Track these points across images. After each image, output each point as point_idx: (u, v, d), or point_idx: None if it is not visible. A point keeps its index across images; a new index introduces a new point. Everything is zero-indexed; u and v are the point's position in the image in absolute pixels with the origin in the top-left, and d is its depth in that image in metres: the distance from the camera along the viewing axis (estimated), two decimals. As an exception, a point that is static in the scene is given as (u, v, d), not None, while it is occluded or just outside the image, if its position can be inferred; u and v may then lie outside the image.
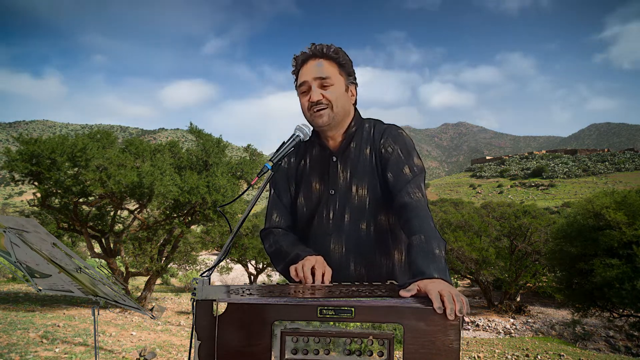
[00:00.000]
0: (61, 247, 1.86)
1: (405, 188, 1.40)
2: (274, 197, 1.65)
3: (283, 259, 1.49)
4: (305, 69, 1.50)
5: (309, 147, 1.64)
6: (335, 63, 1.51)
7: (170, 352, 5.90)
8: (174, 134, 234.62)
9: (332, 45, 1.52)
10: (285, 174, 1.65)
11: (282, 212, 1.63)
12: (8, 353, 4.62)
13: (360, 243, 1.51)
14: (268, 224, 1.63)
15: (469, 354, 7.59)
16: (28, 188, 10.89)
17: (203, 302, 1.03)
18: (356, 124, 1.58)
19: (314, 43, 1.53)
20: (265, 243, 1.61)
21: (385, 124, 1.59)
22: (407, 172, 1.44)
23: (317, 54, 1.50)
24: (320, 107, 1.48)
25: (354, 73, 1.57)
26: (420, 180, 1.44)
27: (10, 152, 9.66)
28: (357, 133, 1.57)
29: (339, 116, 1.51)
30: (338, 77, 1.50)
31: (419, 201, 1.37)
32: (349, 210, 1.52)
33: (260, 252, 17.96)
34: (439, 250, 1.20)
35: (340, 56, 1.51)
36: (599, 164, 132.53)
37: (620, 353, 10.62)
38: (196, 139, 12.21)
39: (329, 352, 1.00)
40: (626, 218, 10.77)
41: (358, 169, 1.53)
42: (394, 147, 1.51)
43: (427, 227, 1.27)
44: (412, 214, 1.32)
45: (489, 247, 15.81)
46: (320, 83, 1.48)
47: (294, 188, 1.64)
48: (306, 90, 1.50)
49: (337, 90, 1.49)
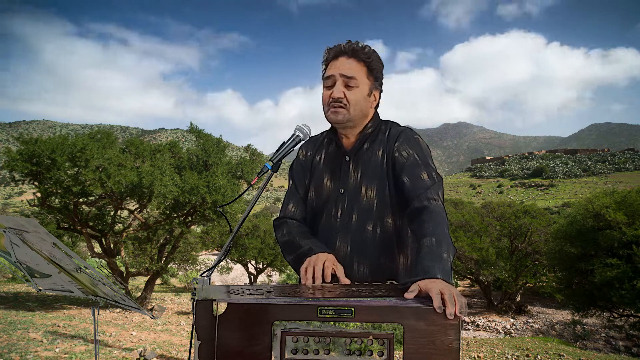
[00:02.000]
0: (61, 247, 1.86)
1: (425, 193, 1.38)
2: (292, 187, 1.67)
3: (294, 250, 1.50)
4: (335, 64, 1.50)
5: (327, 143, 1.65)
6: (366, 66, 1.50)
7: (170, 352, 5.90)
8: (174, 134, 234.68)
9: (367, 46, 1.51)
10: (302, 166, 1.67)
11: (298, 203, 1.64)
12: (8, 353, 4.62)
13: (366, 244, 1.51)
14: (283, 213, 1.64)
15: (469, 354, 7.59)
16: (28, 188, 10.90)
17: (203, 302, 1.03)
18: (373, 125, 1.57)
19: (350, 40, 1.52)
20: (277, 232, 1.62)
21: (401, 127, 1.58)
22: (426, 177, 1.43)
23: (350, 52, 1.49)
24: (339, 105, 1.48)
25: (382, 78, 1.56)
26: (439, 188, 1.43)
27: (10, 152, 9.67)
28: (373, 134, 1.57)
29: (355, 118, 1.51)
30: (364, 80, 1.50)
31: (438, 207, 1.36)
32: (357, 211, 1.52)
33: (260, 252, 17.95)
34: (447, 254, 1.19)
35: (373, 60, 1.50)
36: (599, 164, 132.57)
37: (620, 353, 10.62)
38: (196, 139, 12.22)
39: (329, 352, 1.00)
40: (626, 218, 10.78)
41: (369, 170, 1.53)
42: (410, 152, 1.49)
43: (440, 232, 1.26)
44: (427, 217, 1.32)
45: (489, 247, 15.81)
46: (345, 81, 1.47)
47: (308, 181, 1.66)
48: (331, 84, 1.50)
49: (360, 93, 1.49)
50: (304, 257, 1.42)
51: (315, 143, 1.68)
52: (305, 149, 1.68)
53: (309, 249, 1.44)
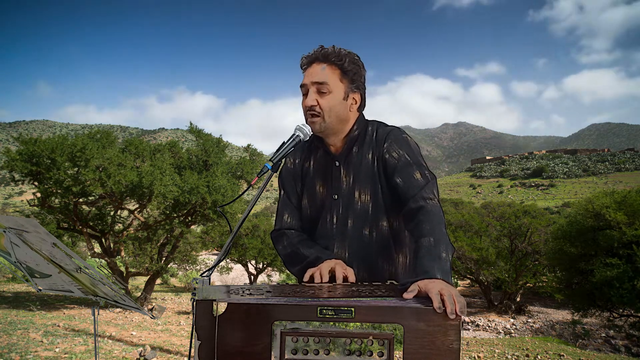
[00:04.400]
0: (61, 247, 1.86)
1: (420, 193, 1.37)
2: (284, 197, 1.64)
3: (300, 261, 1.48)
4: (308, 71, 1.48)
5: (314, 149, 1.62)
6: (339, 69, 1.46)
7: (170, 352, 5.90)
8: (174, 134, 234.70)
9: (340, 49, 1.48)
10: (292, 174, 1.63)
11: (293, 212, 1.61)
12: (8, 353, 4.62)
13: (363, 248, 1.50)
14: (279, 225, 1.61)
15: (469, 354, 7.59)
16: (28, 188, 10.90)
17: (203, 302, 1.03)
18: (359, 127, 1.54)
19: (322, 45, 1.49)
20: (277, 245, 1.59)
21: (389, 127, 1.55)
22: (419, 177, 1.41)
23: (322, 57, 1.47)
24: (313, 114, 1.46)
25: (361, 79, 1.51)
26: (433, 186, 1.41)
27: (10, 152, 9.68)
28: (360, 137, 1.54)
29: (332, 125, 1.48)
30: (337, 84, 1.46)
31: (435, 206, 1.34)
32: (352, 216, 1.51)
33: (260, 252, 17.96)
34: (445, 254, 1.18)
35: (345, 62, 1.46)
36: (599, 164, 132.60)
37: (620, 353, 10.62)
38: (196, 139, 12.22)
39: (329, 352, 1.00)
40: (626, 218, 10.78)
41: (361, 175, 1.51)
42: (400, 152, 1.47)
43: (437, 231, 1.25)
44: (424, 218, 1.30)
45: (489, 247, 15.81)
46: (318, 88, 1.45)
47: (300, 189, 1.63)
48: (305, 93, 1.48)
49: (334, 98, 1.45)
50: (311, 267, 1.41)
51: (302, 149, 1.64)
52: (292, 156, 1.64)
53: (316, 257, 1.43)
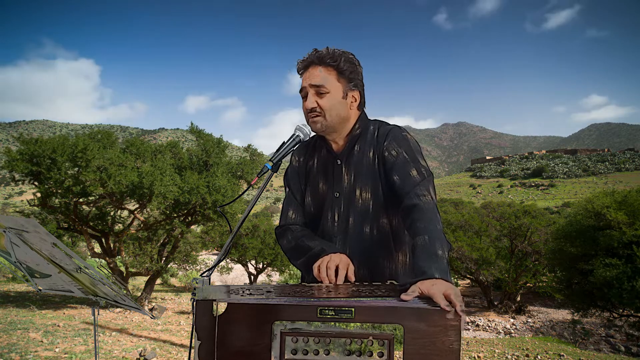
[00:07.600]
0: (61, 247, 1.86)
1: (414, 190, 1.38)
2: (289, 195, 1.68)
3: (304, 252, 1.50)
4: (306, 75, 1.52)
5: (318, 148, 1.66)
6: (335, 70, 1.50)
7: (170, 352, 5.90)
8: (174, 134, 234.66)
9: (335, 50, 1.51)
10: (297, 172, 1.68)
11: (298, 209, 1.65)
12: (8, 353, 4.62)
13: (364, 246, 1.52)
14: (284, 221, 1.64)
15: (469, 354, 7.59)
16: (28, 188, 10.90)
17: (203, 302, 1.03)
18: (361, 126, 1.57)
19: (316, 49, 1.52)
20: (282, 240, 1.62)
21: (390, 126, 1.57)
22: (415, 174, 1.43)
23: (317, 60, 1.50)
24: (314, 115, 1.50)
25: (358, 76, 1.55)
26: (429, 183, 1.42)
27: (10, 152, 9.66)
28: (362, 136, 1.57)
29: (333, 123, 1.52)
30: (335, 84, 1.50)
31: (428, 203, 1.35)
32: (353, 214, 1.53)
33: (260, 252, 17.95)
34: (442, 251, 1.18)
35: (340, 62, 1.50)
36: (599, 164, 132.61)
37: (620, 353, 10.62)
38: (196, 139, 12.21)
39: (329, 352, 1.00)
40: (626, 218, 10.77)
41: (362, 173, 1.54)
42: (399, 150, 1.49)
43: (432, 228, 1.25)
44: (419, 216, 1.31)
45: (489, 247, 15.80)
46: (316, 90, 1.49)
47: (304, 186, 1.67)
48: (305, 96, 1.52)
49: (333, 98, 1.49)
50: (316, 258, 1.42)
51: (307, 148, 1.69)
52: (297, 155, 1.69)
53: (320, 249, 1.44)
